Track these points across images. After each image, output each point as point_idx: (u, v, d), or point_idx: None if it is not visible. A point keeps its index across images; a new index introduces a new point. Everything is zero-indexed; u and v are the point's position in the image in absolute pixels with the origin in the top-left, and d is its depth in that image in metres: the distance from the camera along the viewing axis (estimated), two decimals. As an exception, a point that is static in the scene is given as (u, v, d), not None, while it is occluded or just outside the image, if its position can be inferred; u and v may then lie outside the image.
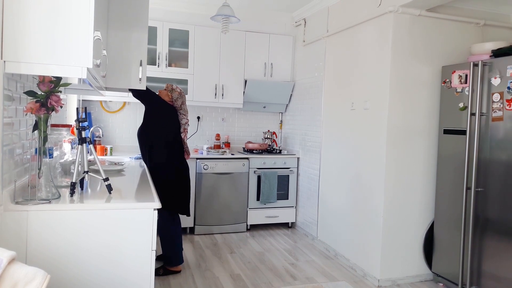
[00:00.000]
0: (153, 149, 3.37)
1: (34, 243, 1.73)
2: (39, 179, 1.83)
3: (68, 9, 1.69)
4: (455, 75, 3.23)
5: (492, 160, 2.96)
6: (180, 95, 3.46)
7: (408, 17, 3.34)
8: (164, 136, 3.39)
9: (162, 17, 4.73)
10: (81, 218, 1.80)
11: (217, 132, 5.27)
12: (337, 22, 4.19)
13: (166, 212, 3.30)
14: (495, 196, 2.92)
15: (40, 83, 1.87)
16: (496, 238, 2.90)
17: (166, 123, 3.41)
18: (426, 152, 3.48)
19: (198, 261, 3.78)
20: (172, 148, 3.42)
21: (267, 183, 4.79)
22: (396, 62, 3.34)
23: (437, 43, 3.45)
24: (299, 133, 5.00)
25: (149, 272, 1.90)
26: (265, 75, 5.07)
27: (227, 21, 3.74)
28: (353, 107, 3.81)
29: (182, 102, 3.48)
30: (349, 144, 3.88)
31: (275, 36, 5.10)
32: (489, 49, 3.17)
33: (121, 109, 4.89)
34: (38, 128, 1.88)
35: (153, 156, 3.36)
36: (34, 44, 1.67)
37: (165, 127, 3.41)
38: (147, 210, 1.90)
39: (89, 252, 1.81)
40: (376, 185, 3.46)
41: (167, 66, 4.67)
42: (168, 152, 3.40)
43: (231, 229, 4.73)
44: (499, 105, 2.90)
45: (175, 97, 3.43)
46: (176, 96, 3.43)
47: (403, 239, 3.44)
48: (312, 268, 3.72)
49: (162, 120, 3.40)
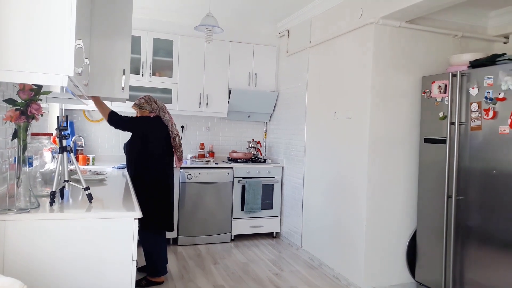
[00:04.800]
0: (139, 166, 3.32)
1: (11, 253, 1.69)
2: (18, 188, 1.80)
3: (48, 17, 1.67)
4: (435, 85, 3.30)
5: (472, 169, 3.02)
6: (147, 101, 3.39)
7: (388, 29, 3.41)
8: (151, 154, 3.34)
9: (147, 27, 4.73)
10: (60, 228, 1.76)
11: (202, 141, 5.26)
12: (319, 33, 4.26)
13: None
14: (475, 204, 2.98)
15: (20, 91, 1.84)
16: (478, 246, 2.95)
17: (153, 140, 3.35)
18: (407, 161, 3.54)
19: (181, 272, 3.74)
20: (160, 164, 3.38)
21: (251, 193, 4.79)
22: (377, 73, 3.40)
23: (417, 54, 3.53)
24: (284, 142, 5.02)
25: (129, 282, 1.87)
26: (249, 85, 5.10)
27: (211, 31, 3.76)
28: (336, 116, 3.86)
29: (159, 107, 3.41)
30: (332, 153, 3.92)
31: (259, 47, 5.14)
32: (467, 60, 3.25)
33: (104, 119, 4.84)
34: (17, 137, 1.85)
35: (138, 173, 3.31)
36: (13, 51, 1.64)
37: (153, 144, 3.34)
38: (128, 220, 1.87)
39: (68, 262, 1.77)
40: (358, 194, 3.49)
41: (151, 75, 4.66)
42: (156, 169, 3.35)
43: (215, 240, 4.70)
44: (477, 114, 2.97)
45: (149, 108, 3.37)
46: (148, 106, 3.37)
47: (386, 248, 3.47)
48: (296, 278, 3.71)
49: (149, 139, 3.33)
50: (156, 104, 3.41)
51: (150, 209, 3.24)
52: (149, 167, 3.32)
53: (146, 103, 3.38)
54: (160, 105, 3.44)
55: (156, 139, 3.35)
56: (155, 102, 3.42)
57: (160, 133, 3.37)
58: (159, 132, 3.37)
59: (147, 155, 3.32)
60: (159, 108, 3.41)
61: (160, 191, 3.36)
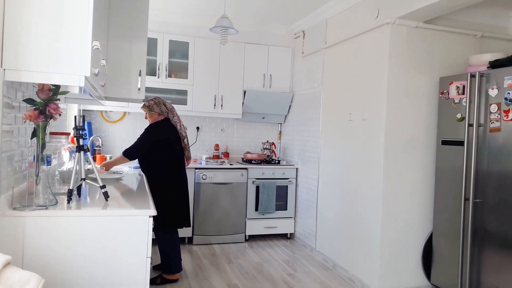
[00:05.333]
0: (154, 169, 3.36)
1: (30, 248, 1.74)
2: (37, 186, 1.84)
3: (68, 19, 1.72)
4: (453, 86, 3.25)
5: (490, 171, 2.96)
6: (156, 103, 3.41)
7: (405, 29, 3.38)
8: (165, 157, 3.37)
9: (163, 29, 4.79)
10: (77, 225, 1.80)
11: (216, 142, 5.29)
12: (335, 34, 4.24)
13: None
14: (493, 207, 2.92)
15: (39, 91, 1.89)
16: (495, 249, 2.89)
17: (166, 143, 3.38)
18: (424, 163, 3.49)
19: (196, 271, 3.77)
20: (173, 165, 3.41)
21: (265, 194, 4.79)
22: (393, 73, 3.37)
23: (434, 54, 3.49)
24: (298, 144, 5.02)
25: (144, 279, 1.90)
26: (264, 86, 5.11)
27: (226, 33, 3.79)
28: (351, 118, 3.84)
29: (167, 109, 3.44)
30: (347, 155, 3.89)
31: (274, 48, 5.15)
32: (486, 61, 3.20)
33: (121, 119, 4.92)
34: (36, 136, 1.90)
35: (152, 174, 3.36)
36: (34, 52, 1.69)
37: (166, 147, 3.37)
38: (143, 217, 1.90)
39: (84, 258, 1.81)
40: (374, 195, 3.46)
41: (167, 77, 4.71)
42: (170, 171, 3.39)
43: (229, 239, 4.71)
44: (496, 116, 2.92)
45: (158, 110, 3.39)
46: (157, 108, 3.39)
47: (401, 250, 3.43)
48: (310, 279, 3.70)
49: (162, 143, 3.36)
50: (165, 106, 3.45)
51: (167, 209, 3.28)
52: (164, 169, 3.36)
53: (155, 105, 3.41)
54: (169, 107, 3.48)
55: (169, 142, 3.39)
56: (164, 104, 3.45)
57: (171, 136, 3.41)
58: (170, 134, 3.41)
59: (161, 158, 3.36)
60: (167, 110, 3.45)
61: (176, 191, 3.40)
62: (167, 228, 3.38)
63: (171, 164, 3.40)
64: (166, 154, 3.37)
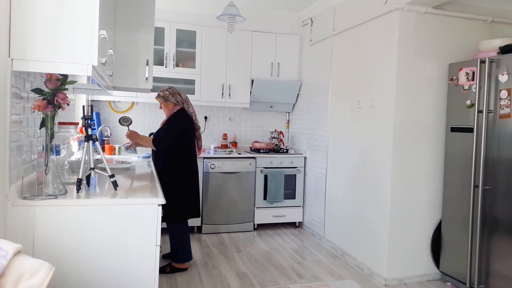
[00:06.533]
0: (171, 159, 3.36)
1: (40, 237, 1.76)
2: (46, 175, 1.87)
3: (74, 8, 1.72)
4: (462, 73, 3.21)
5: (500, 158, 2.93)
6: (171, 93, 3.39)
7: (414, 15, 3.33)
8: (184, 147, 3.38)
9: (170, 18, 4.77)
10: (86, 214, 1.82)
11: (224, 131, 5.29)
12: (343, 21, 4.19)
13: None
14: (503, 194, 2.90)
15: (47, 81, 1.90)
16: (505, 237, 2.87)
17: (185, 133, 3.37)
18: (433, 150, 3.46)
19: (205, 259, 3.80)
20: (190, 155, 3.42)
21: (274, 183, 4.80)
22: (402, 60, 3.33)
23: (443, 40, 3.43)
24: (306, 132, 5.00)
25: (153, 267, 1.92)
26: (271, 75, 5.08)
27: (233, 21, 3.76)
28: (360, 105, 3.81)
29: (183, 100, 3.43)
30: (355, 143, 3.88)
31: (281, 36, 5.11)
32: (496, 46, 3.14)
33: (129, 109, 4.94)
34: (45, 125, 1.91)
35: (168, 164, 3.35)
36: (41, 42, 1.70)
37: (184, 137, 3.37)
38: (152, 206, 1.92)
39: (94, 246, 1.83)
40: (382, 183, 3.45)
41: (175, 67, 4.71)
42: (187, 161, 3.39)
43: (238, 228, 4.74)
44: (506, 102, 2.88)
45: (173, 100, 3.37)
46: (172, 98, 3.37)
47: (410, 238, 3.42)
48: (318, 267, 3.71)
49: (182, 133, 3.36)
50: (180, 96, 3.43)
51: (181, 199, 3.32)
52: (181, 159, 3.37)
53: (171, 95, 3.39)
54: (184, 97, 3.46)
55: (188, 133, 3.40)
56: (179, 94, 3.43)
57: (190, 126, 3.41)
58: (189, 125, 3.41)
59: (181, 149, 3.37)
60: (183, 100, 3.43)
61: (189, 181, 3.42)
62: (180, 219, 3.40)
63: (188, 154, 3.41)
64: (185, 145, 3.38)
